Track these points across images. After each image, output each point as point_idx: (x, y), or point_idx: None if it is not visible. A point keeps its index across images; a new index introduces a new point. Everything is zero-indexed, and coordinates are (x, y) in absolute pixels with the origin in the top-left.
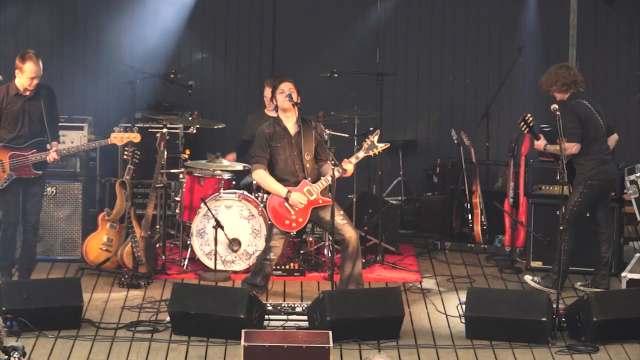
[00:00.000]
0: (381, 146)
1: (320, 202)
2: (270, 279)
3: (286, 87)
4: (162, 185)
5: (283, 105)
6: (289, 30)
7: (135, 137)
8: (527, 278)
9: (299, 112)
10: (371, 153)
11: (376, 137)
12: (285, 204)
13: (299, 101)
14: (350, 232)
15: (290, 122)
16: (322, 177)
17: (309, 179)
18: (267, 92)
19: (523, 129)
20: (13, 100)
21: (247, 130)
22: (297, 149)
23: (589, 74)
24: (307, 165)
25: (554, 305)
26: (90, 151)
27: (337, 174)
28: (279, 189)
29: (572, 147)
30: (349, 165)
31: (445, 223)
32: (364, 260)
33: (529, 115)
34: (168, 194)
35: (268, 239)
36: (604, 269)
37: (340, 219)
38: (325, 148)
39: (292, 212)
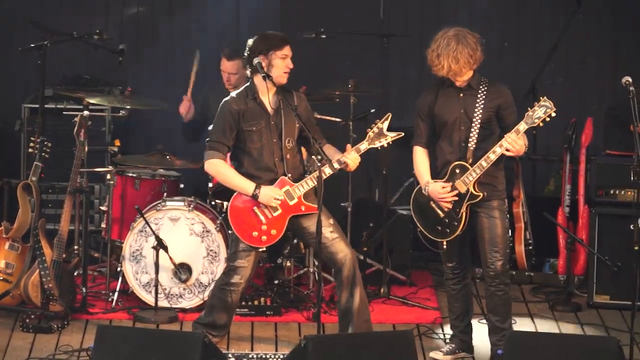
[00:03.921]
0: (392, 135)
1: (303, 209)
2: (233, 316)
3: (290, 52)
4: (82, 189)
5: (279, 78)
6: None
7: None
8: (436, 355)
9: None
10: (378, 145)
11: (386, 124)
12: (255, 208)
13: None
14: (343, 250)
15: (268, 95)
16: (307, 176)
17: (289, 175)
18: (224, 64)
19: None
20: None
21: (202, 107)
22: (276, 134)
23: None
24: (288, 157)
25: (628, 355)
26: None
27: (328, 172)
28: (244, 184)
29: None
30: (353, 155)
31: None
32: None
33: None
34: (90, 202)
35: (231, 256)
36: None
37: (329, 232)
38: (309, 134)
39: (264, 220)
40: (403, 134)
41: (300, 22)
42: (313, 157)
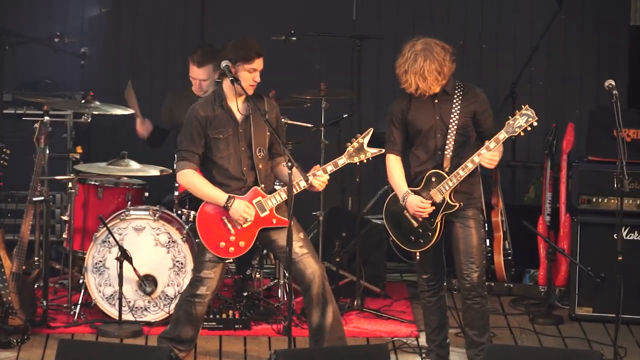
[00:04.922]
0: (373, 152)
1: (274, 222)
2: (200, 330)
3: (260, 65)
4: (42, 198)
5: (249, 89)
6: None
7: None
8: None
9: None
10: (357, 160)
11: (366, 139)
12: (224, 217)
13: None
14: (312, 266)
15: (237, 101)
16: (279, 188)
17: (262, 186)
18: (195, 71)
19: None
20: None
21: (166, 116)
22: (245, 142)
23: None
24: (260, 166)
25: None
26: None
27: (301, 186)
28: (216, 194)
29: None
30: (322, 178)
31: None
32: None
33: None
34: (51, 211)
35: (197, 266)
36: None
37: (299, 247)
38: (279, 141)
39: (232, 231)
40: (384, 151)
41: (269, 24)
42: (283, 165)
